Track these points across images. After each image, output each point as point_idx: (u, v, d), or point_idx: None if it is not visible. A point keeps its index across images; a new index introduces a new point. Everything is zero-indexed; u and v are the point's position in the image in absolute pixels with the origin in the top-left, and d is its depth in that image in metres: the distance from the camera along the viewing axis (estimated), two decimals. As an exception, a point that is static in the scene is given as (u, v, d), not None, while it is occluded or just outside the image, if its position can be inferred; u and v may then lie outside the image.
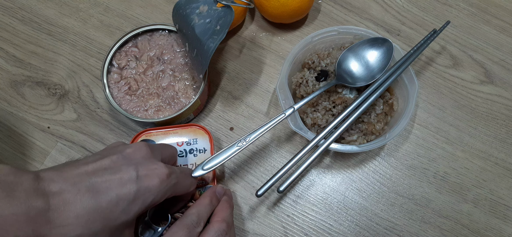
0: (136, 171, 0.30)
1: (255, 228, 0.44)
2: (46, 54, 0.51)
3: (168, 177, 0.32)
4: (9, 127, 0.47)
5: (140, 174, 0.30)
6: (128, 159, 0.31)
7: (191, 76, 0.46)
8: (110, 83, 0.45)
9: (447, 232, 0.45)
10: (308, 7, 0.50)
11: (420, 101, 0.50)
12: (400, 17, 0.55)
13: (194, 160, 0.42)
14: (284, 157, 0.47)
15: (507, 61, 0.53)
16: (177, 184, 0.33)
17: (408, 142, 0.48)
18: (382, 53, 0.44)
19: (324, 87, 0.43)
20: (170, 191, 0.32)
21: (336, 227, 0.44)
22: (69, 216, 0.26)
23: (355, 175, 0.47)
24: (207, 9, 0.42)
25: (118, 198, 0.29)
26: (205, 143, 0.43)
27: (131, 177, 0.30)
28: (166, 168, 0.32)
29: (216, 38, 0.39)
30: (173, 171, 0.33)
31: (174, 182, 0.33)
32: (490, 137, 0.49)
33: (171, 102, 0.45)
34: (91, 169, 0.29)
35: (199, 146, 0.43)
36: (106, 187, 0.28)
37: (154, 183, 0.31)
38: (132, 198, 0.29)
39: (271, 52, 0.52)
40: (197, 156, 0.42)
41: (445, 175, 0.47)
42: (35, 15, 0.53)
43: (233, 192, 0.45)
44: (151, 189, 0.30)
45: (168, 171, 0.32)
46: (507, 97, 0.51)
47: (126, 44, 0.47)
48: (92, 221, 0.27)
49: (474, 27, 0.55)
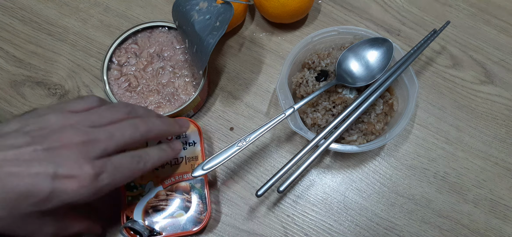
0: (53, 170, 0.28)
1: (255, 228, 0.44)
2: (46, 54, 0.51)
3: (93, 180, 0.29)
4: (9, 127, 0.47)
5: (58, 174, 0.28)
6: (52, 154, 0.28)
7: (191, 73, 0.46)
8: (110, 79, 0.45)
9: (447, 232, 0.45)
10: (308, 7, 0.50)
11: (420, 101, 0.50)
12: (400, 17, 0.55)
13: (184, 153, 0.43)
14: (284, 157, 0.47)
15: (507, 61, 0.53)
16: (111, 183, 0.31)
17: (408, 142, 0.48)
18: (382, 53, 0.44)
19: (324, 87, 0.43)
20: (100, 191, 0.30)
21: (336, 227, 0.44)
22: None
23: (355, 175, 0.47)
24: (206, 6, 0.42)
25: (28, 192, 0.27)
26: (194, 136, 0.43)
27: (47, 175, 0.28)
28: (91, 171, 0.29)
29: (215, 34, 0.39)
30: (103, 171, 0.30)
31: (105, 182, 0.30)
32: (490, 137, 0.49)
33: (171, 98, 0.45)
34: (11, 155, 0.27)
35: (189, 139, 0.43)
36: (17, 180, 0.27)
37: (72, 187, 0.28)
38: (45, 196, 0.28)
39: (271, 52, 0.52)
40: (186, 149, 0.43)
41: (445, 175, 0.47)
42: (35, 15, 0.53)
43: (233, 192, 0.45)
44: (68, 192, 0.28)
45: (93, 173, 0.29)
46: (507, 97, 0.51)
47: (126, 41, 0.47)
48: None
49: (474, 27, 0.55)
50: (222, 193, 0.45)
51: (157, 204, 0.41)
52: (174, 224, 0.40)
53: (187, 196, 0.42)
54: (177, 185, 0.42)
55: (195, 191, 0.42)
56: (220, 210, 0.44)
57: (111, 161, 0.31)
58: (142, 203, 0.41)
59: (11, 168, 0.27)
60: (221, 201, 0.45)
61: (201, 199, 0.42)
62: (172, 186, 0.42)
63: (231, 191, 0.45)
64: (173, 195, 0.41)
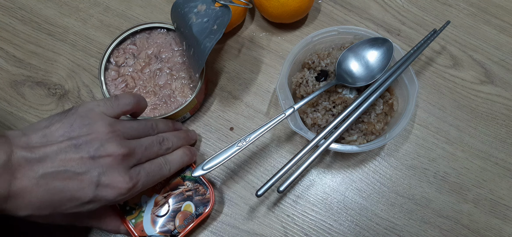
0: (98, 178, 0.31)
1: (255, 228, 0.44)
2: (46, 54, 0.51)
3: (129, 190, 0.33)
4: (9, 127, 0.47)
5: (102, 183, 0.31)
6: (98, 166, 0.31)
7: (188, 75, 0.46)
8: (107, 80, 0.45)
9: (447, 232, 0.45)
10: (308, 7, 0.50)
11: (420, 101, 0.50)
12: (400, 17, 0.55)
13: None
14: (284, 157, 0.47)
15: (507, 61, 0.53)
16: (144, 187, 0.35)
17: (408, 142, 0.48)
18: (382, 53, 0.44)
19: (324, 87, 0.43)
20: (134, 195, 0.35)
21: (336, 227, 0.44)
22: (23, 202, 0.29)
23: (355, 175, 0.47)
24: (205, 8, 0.42)
25: (72, 197, 0.30)
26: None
27: (91, 182, 0.31)
28: (129, 181, 0.33)
29: (213, 38, 0.39)
30: (139, 179, 0.34)
31: (140, 188, 0.34)
32: (490, 137, 0.49)
33: (168, 100, 0.45)
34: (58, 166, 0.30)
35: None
36: (62, 189, 0.30)
37: (112, 194, 0.32)
38: (86, 201, 0.31)
39: (271, 52, 0.52)
40: None
41: (445, 175, 0.47)
42: (35, 15, 0.53)
43: (233, 192, 0.45)
44: (108, 198, 0.32)
45: (131, 184, 0.33)
46: (507, 97, 0.51)
47: (125, 42, 0.47)
48: (43, 208, 0.30)
49: (474, 27, 0.55)
50: (222, 193, 0.45)
51: (160, 209, 0.41)
52: (187, 217, 0.40)
53: (184, 188, 0.42)
54: (169, 184, 0.42)
55: (187, 178, 0.42)
56: (220, 210, 0.44)
57: (144, 169, 0.35)
58: (147, 217, 0.40)
59: (57, 182, 0.30)
60: (221, 201, 0.45)
61: (197, 182, 0.42)
62: (165, 187, 0.42)
63: (231, 191, 0.45)
64: (171, 194, 0.41)
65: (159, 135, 0.39)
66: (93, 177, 0.31)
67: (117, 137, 0.33)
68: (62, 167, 0.30)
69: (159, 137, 0.39)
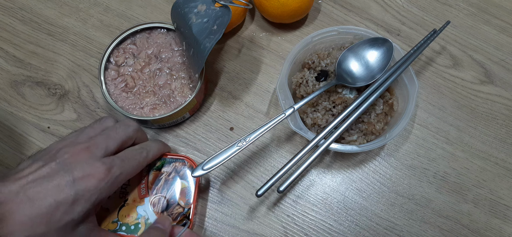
0: (71, 176, 0.32)
1: (255, 228, 0.44)
2: (46, 54, 0.51)
3: (107, 173, 0.33)
4: (9, 127, 0.47)
5: (76, 177, 0.32)
6: (65, 165, 0.32)
7: (188, 75, 0.46)
8: (107, 79, 0.45)
9: (447, 232, 0.45)
10: (308, 7, 0.50)
11: (420, 101, 0.50)
12: (400, 17, 0.55)
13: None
14: (284, 157, 0.47)
15: (507, 61, 0.53)
16: (123, 173, 0.35)
17: (408, 142, 0.48)
18: (382, 53, 0.44)
19: (324, 87, 0.43)
20: (116, 182, 0.35)
21: (336, 227, 0.44)
22: (14, 223, 0.29)
23: (355, 175, 0.47)
24: (205, 9, 0.42)
25: (57, 202, 0.31)
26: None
27: (67, 182, 0.32)
28: (102, 166, 0.33)
29: (212, 38, 0.39)
30: (113, 164, 0.34)
31: (118, 173, 0.34)
32: (490, 137, 0.49)
33: (167, 100, 0.45)
34: (31, 179, 0.31)
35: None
36: (44, 195, 0.31)
37: (92, 183, 0.32)
38: (72, 200, 0.31)
39: (271, 52, 0.52)
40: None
41: (445, 175, 0.47)
42: (35, 15, 0.53)
43: (233, 192, 0.45)
44: (90, 189, 0.32)
45: (105, 168, 0.33)
46: (507, 97, 0.51)
47: (125, 42, 0.47)
48: (36, 225, 0.30)
49: (474, 27, 0.55)
50: (222, 193, 0.45)
51: (159, 206, 0.40)
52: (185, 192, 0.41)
53: (164, 175, 0.41)
54: (147, 181, 0.41)
55: (161, 165, 0.42)
56: (220, 210, 0.44)
57: (117, 156, 0.36)
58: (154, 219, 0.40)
59: (34, 188, 0.31)
60: (221, 201, 0.45)
61: (170, 162, 0.42)
62: (146, 187, 0.41)
63: (231, 191, 0.45)
64: (158, 188, 0.41)
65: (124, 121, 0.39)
66: (66, 177, 0.32)
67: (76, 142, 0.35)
68: (33, 179, 0.31)
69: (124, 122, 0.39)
